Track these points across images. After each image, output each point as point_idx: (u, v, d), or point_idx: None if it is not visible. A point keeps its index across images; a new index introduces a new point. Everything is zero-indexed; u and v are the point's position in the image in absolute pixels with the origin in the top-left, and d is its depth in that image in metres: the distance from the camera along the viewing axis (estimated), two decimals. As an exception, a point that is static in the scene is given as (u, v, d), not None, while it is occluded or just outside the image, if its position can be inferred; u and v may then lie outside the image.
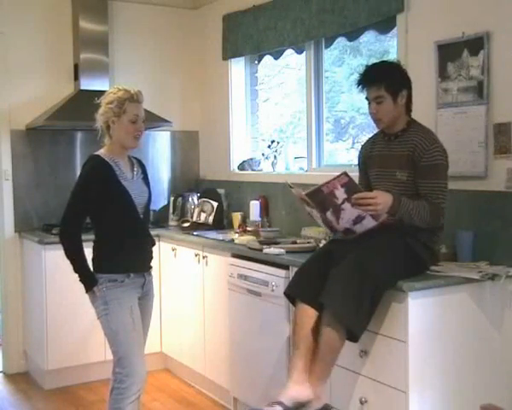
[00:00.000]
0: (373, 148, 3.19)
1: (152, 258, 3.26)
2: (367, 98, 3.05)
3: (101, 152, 3.09)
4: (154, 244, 3.29)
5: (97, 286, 3.00)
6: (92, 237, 3.14)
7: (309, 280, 2.99)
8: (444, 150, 2.96)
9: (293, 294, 3.07)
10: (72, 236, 3.02)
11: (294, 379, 2.85)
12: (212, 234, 4.57)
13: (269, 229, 4.42)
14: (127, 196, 3.04)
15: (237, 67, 5.22)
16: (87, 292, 3.05)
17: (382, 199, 2.83)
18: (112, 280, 3.01)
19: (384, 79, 2.97)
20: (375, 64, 3.13)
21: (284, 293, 3.17)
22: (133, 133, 3.05)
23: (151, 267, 3.25)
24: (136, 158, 3.26)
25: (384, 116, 3.01)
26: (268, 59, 4.96)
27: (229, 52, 5.13)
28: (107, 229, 3.08)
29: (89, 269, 3.03)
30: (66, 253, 3.03)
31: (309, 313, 2.92)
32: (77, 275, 3.03)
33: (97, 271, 3.03)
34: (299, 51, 4.58)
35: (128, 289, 3.05)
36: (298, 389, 2.82)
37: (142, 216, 3.13)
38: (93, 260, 3.08)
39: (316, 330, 2.88)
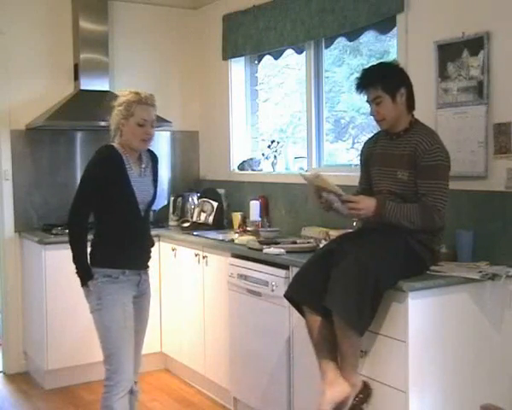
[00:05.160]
0: (375, 146, 3.19)
1: (149, 258, 3.26)
2: (367, 101, 3.07)
3: (115, 143, 3.11)
4: (153, 245, 3.29)
5: (92, 281, 3.02)
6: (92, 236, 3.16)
7: (310, 282, 2.98)
8: (445, 152, 2.96)
9: (294, 297, 3.07)
10: (81, 222, 3.04)
11: (329, 381, 2.85)
12: (212, 234, 4.57)
13: (269, 229, 4.42)
14: (130, 191, 3.05)
15: (237, 67, 5.22)
16: (82, 286, 3.06)
17: (365, 204, 2.92)
18: (106, 276, 3.02)
19: (380, 80, 2.99)
20: (370, 67, 3.13)
21: (285, 296, 3.16)
22: (140, 136, 3.06)
23: (148, 267, 3.25)
24: (150, 151, 3.25)
25: (385, 116, 3.02)
26: (268, 59, 4.96)
27: (229, 52, 5.14)
28: (106, 224, 3.09)
29: (87, 263, 3.04)
30: (70, 239, 3.05)
31: (318, 320, 2.94)
32: (74, 267, 3.04)
33: (93, 265, 3.05)
34: (299, 51, 4.58)
35: (122, 286, 3.05)
36: (335, 390, 2.82)
37: (143, 214, 3.14)
38: (90, 254, 3.09)
39: (330, 330, 2.88)
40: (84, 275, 3.04)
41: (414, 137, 2.98)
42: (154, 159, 3.26)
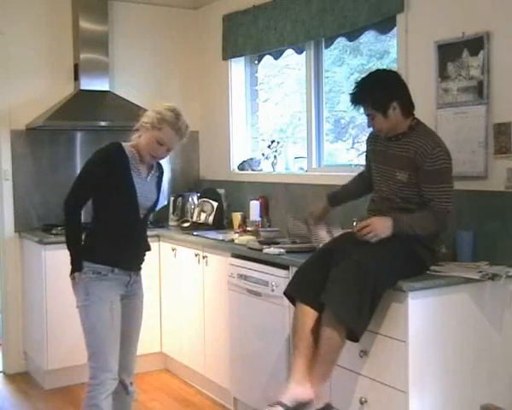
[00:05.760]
0: (377, 142, 3.18)
1: (143, 260, 3.22)
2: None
3: (125, 143, 3.08)
4: (148, 249, 3.26)
5: (79, 273, 2.99)
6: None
7: (309, 281, 2.99)
8: (447, 153, 2.95)
9: (294, 294, 3.08)
10: (75, 211, 3.03)
11: (295, 379, 2.85)
12: (212, 234, 4.56)
13: (269, 229, 4.42)
14: (133, 192, 3.03)
15: (237, 67, 5.22)
16: (70, 275, 3.03)
17: (379, 225, 2.91)
18: (96, 272, 2.99)
19: (369, 99, 2.99)
20: (360, 82, 3.06)
21: (284, 293, 3.17)
22: (151, 151, 3.03)
23: (140, 269, 3.21)
24: (158, 163, 3.24)
25: (381, 128, 3.03)
26: (268, 59, 4.96)
27: (229, 52, 5.13)
28: (103, 219, 3.07)
29: (79, 253, 3.02)
30: (66, 223, 3.06)
31: (309, 314, 2.93)
32: (69, 255, 3.03)
33: (84, 258, 3.01)
34: (299, 51, 4.57)
35: (111, 285, 3.02)
36: (299, 390, 2.82)
37: (142, 216, 3.12)
38: (83, 247, 3.06)
39: (315, 331, 2.89)
40: (75, 264, 3.01)
41: (414, 140, 2.96)
42: (160, 168, 3.25)
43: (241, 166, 5.09)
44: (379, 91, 2.99)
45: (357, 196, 3.46)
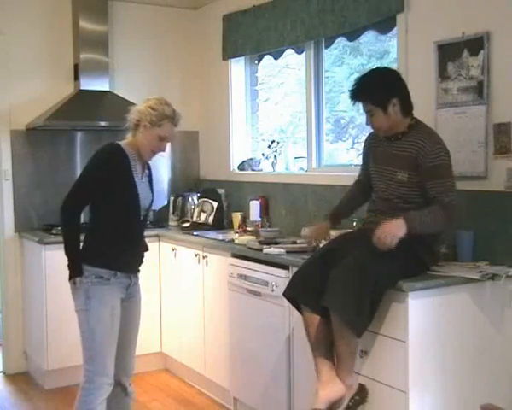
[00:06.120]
0: (376, 142, 3.17)
1: (142, 262, 3.21)
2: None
3: (122, 143, 3.06)
4: (146, 250, 3.24)
5: (80, 278, 2.96)
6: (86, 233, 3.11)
7: (309, 281, 2.99)
8: (447, 150, 2.95)
9: (294, 295, 3.07)
10: (75, 212, 2.99)
11: (324, 381, 2.87)
12: (212, 234, 4.57)
13: (269, 229, 4.42)
14: (135, 193, 3.02)
15: (237, 67, 5.22)
16: (69, 280, 2.99)
17: (390, 226, 2.82)
18: (98, 277, 2.96)
19: (368, 96, 2.98)
20: (361, 78, 3.05)
21: (284, 294, 3.16)
22: (153, 147, 3.03)
23: (139, 271, 3.20)
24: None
25: (380, 126, 3.03)
26: (268, 59, 4.96)
27: (229, 52, 5.14)
28: (104, 221, 3.04)
29: (78, 257, 2.97)
30: (65, 227, 3.00)
31: (316, 318, 2.95)
32: (67, 259, 2.98)
33: (85, 262, 2.97)
34: (299, 51, 4.58)
35: (112, 288, 3.00)
36: (330, 390, 2.84)
37: (141, 218, 3.12)
38: (83, 250, 3.02)
39: (328, 330, 2.89)
40: (74, 270, 2.97)
41: (415, 140, 2.96)
42: (149, 168, 3.22)
43: (241, 166, 5.09)
44: (379, 87, 2.99)
45: (357, 206, 3.42)
